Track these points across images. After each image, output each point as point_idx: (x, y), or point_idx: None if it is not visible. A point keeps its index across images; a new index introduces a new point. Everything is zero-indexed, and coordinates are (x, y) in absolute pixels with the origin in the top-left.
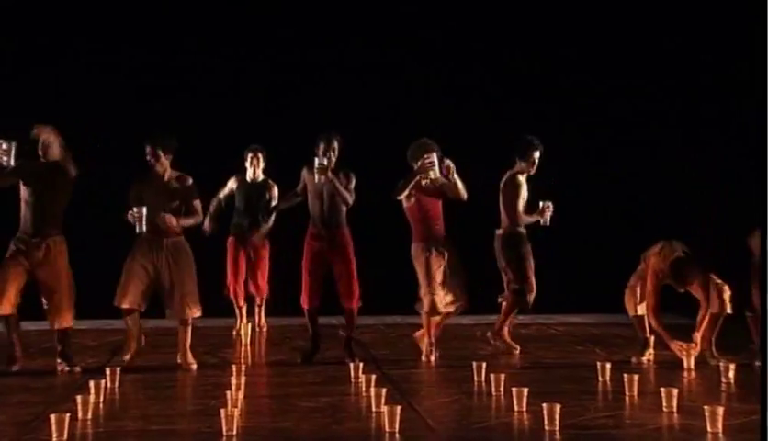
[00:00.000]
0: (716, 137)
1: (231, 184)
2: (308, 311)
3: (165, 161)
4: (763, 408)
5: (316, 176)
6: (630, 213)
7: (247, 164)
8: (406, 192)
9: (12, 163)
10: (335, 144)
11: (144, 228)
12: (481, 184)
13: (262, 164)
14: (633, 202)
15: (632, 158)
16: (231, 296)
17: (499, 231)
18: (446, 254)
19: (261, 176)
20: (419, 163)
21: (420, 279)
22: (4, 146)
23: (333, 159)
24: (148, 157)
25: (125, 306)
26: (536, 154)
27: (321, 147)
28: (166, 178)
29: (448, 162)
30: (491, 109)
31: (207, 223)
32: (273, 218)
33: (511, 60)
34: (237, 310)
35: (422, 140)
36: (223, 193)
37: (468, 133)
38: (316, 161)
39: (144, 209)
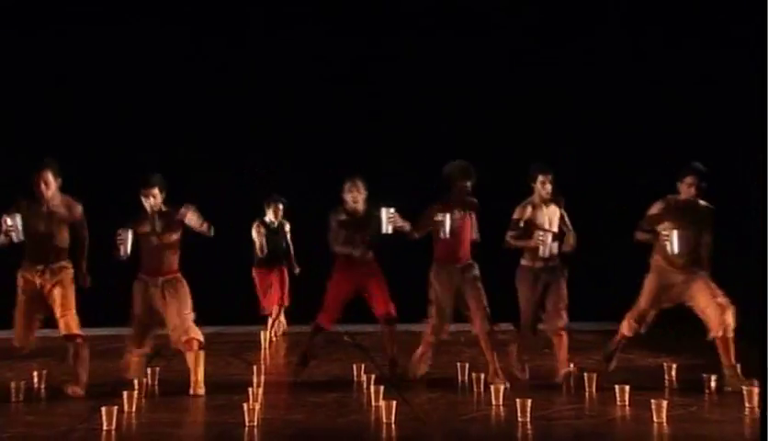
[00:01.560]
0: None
1: (255, 229)
2: (319, 330)
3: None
4: (764, 408)
5: (385, 226)
6: (598, 226)
7: (270, 212)
8: (418, 235)
9: (21, 236)
10: (360, 184)
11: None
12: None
13: (281, 213)
14: (602, 214)
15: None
16: (265, 310)
17: None
18: (461, 281)
19: (277, 222)
20: (437, 214)
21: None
22: (8, 222)
23: (361, 198)
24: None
25: (140, 350)
26: (540, 178)
27: (346, 187)
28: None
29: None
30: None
31: (259, 250)
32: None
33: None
34: (269, 320)
35: (463, 163)
36: (262, 241)
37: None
38: (383, 212)
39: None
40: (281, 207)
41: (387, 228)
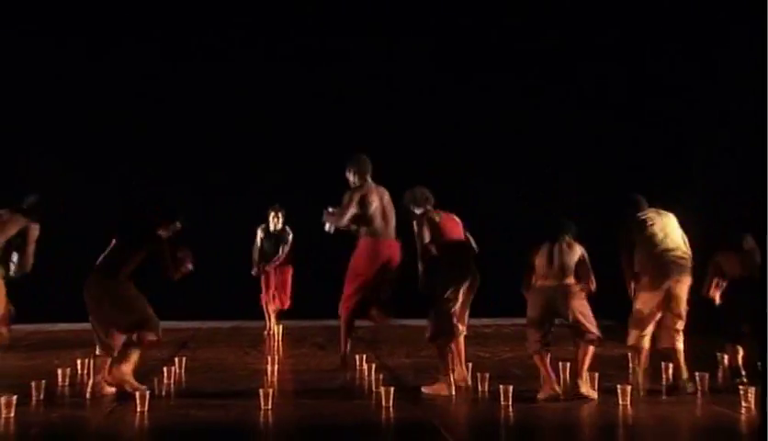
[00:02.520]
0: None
1: (260, 234)
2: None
3: None
4: (764, 408)
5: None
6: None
7: (270, 218)
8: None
9: None
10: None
11: None
12: None
13: (282, 220)
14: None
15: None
16: (263, 304)
17: None
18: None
19: (280, 226)
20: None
21: None
22: None
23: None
24: None
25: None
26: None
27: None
28: None
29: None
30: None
31: (255, 271)
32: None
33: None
34: (267, 315)
35: (420, 190)
36: (257, 244)
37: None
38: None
39: None
40: (281, 215)
41: (328, 227)
